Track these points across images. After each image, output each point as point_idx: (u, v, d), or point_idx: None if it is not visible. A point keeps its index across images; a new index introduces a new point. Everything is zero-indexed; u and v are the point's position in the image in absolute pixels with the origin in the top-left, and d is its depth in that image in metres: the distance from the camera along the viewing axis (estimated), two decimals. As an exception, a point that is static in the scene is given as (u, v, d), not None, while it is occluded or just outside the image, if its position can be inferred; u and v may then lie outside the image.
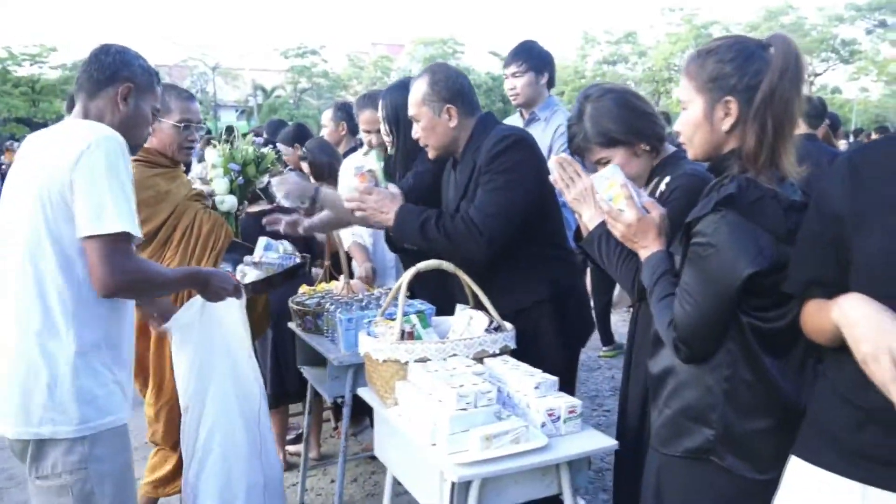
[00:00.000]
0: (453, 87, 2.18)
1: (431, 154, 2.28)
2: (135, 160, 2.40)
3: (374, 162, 2.26)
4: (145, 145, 2.47)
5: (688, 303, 1.39)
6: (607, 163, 1.81)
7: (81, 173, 1.59)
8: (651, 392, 1.59)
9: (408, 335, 1.97)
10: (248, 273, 2.50)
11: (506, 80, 3.29)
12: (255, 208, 2.97)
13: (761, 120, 1.38)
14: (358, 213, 2.17)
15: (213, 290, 1.99)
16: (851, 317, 1.13)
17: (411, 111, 2.23)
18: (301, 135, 4.12)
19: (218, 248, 2.49)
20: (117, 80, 1.78)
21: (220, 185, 2.71)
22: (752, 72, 1.40)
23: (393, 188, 2.22)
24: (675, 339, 1.42)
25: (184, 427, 2.23)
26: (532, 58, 3.21)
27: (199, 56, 34.07)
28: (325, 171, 3.44)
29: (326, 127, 3.95)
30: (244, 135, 2.99)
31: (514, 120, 3.39)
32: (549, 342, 2.12)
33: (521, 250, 2.12)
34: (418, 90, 2.20)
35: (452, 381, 1.68)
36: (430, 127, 2.20)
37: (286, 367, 3.24)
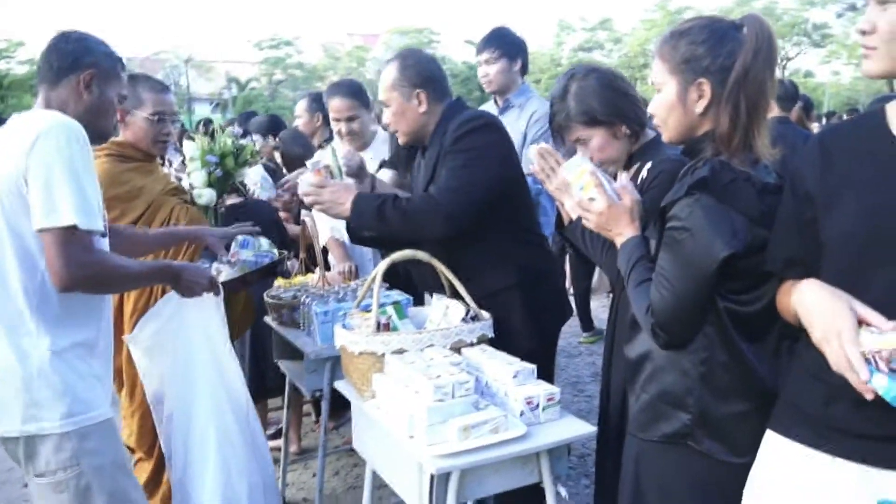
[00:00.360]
0: (424, 73, 2.17)
1: (401, 140, 2.26)
2: (107, 154, 2.36)
3: (329, 157, 2.23)
4: (118, 139, 2.42)
5: (665, 288, 1.38)
6: (585, 143, 1.80)
7: (34, 163, 1.53)
8: (628, 377, 1.58)
9: (384, 327, 1.94)
10: (222, 271, 2.45)
11: (479, 67, 3.26)
12: (230, 201, 2.92)
13: (734, 101, 1.38)
14: (316, 207, 2.12)
15: (186, 284, 1.92)
16: (806, 302, 1.16)
17: (381, 96, 2.22)
18: (275, 125, 4.07)
19: (194, 245, 2.42)
20: (79, 68, 1.72)
21: (197, 178, 2.65)
22: (725, 52, 1.39)
23: (348, 181, 2.20)
24: (652, 325, 1.41)
25: (168, 433, 2.16)
26: (505, 44, 3.18)
27: (171, 49, 33.59)
28: (298, 162, 3.39)
29: (301, 118, 3.89)
30: (221, 127, 2.93)
31: (489, 107, 3.36)
32: (519, 328, 2.11)
33: (488, 235, 2.11)
34: (389, 75, 2.18)
35: (429, 372, 1.66)
36: (399, 112, 2.18)
37: (265, 362, 3.21)
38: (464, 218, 2.02)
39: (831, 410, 1.17)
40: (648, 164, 1.76)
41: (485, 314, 2.01)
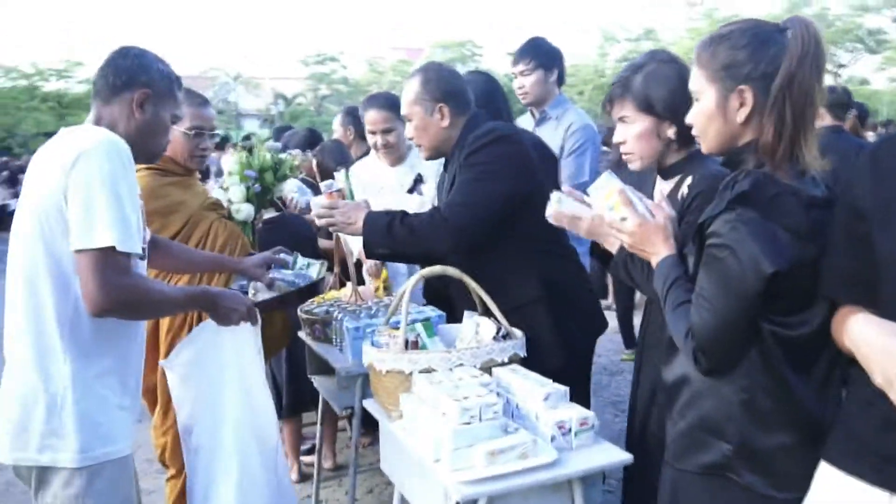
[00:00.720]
0: (446, 87, 2.16)
1: (424, 155, 2.26)
2: (146, 168, 2.32)
3: (342, 181, 2.27)
4: None
5: (706, 309, 1.30)
6: (627, 124, 1.74)
7: (74, 182, 1.49)
8: (666, 402, 1.50)
9: (412, 344, 1.90)
10: (259, 290, 2.40)
11: (514, 79, 3.21)
12: (266, 216, 2.92)
13: (779, 109, 1.29)
14: (331, 229, 2.16)
15: (223, 311, 1.82)
16: (860, 345, 1.09)
17: (404, 110, 2.21)
18: (314, 139, 4.09)
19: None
20: (134, 86, 1.68)
21: (235, 193, 2.65)
22: (768, 58, 1.31)
23: (361, 201, 2.20)
24: (694, 350, 1.33)
25: (193, 466, 2.08)
26: (540, 55, 3.13)
27: (221, 67, 34.48)
28: (329, 175, 3.38)
29: (336, 132, 3.91)
30: (263, 141, 2.95)
31: (525, 120, 3.31)
32: (546, 343, 2.04)
33: (509, 249, 2.07)
34: (411, 89, 2.18)
35: (457, 393, 1.61)
36: (422, 126, 2.18)
37: (302, 376, 3.19)
38: (471, 233, 2.01)
39: (888, 439, 1.09)
40: (689, 180, 1.68)
41: (517, 332, 1.95)
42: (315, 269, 2.39)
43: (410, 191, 3.03)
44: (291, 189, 3.64)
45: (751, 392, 1.31)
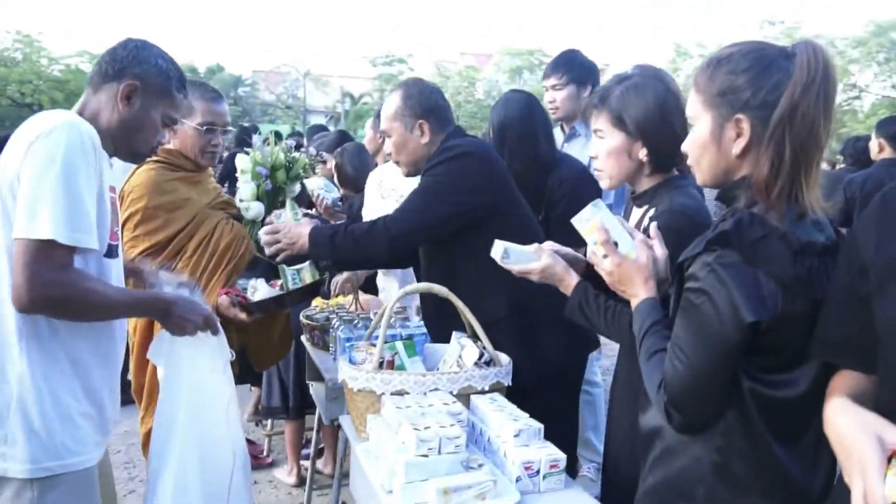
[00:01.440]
0: (426, 103, 2.15)
1: (403, 171, 2.24)
2: (156, 161, 2.29)
3: (288, 213, 2.33)
4: (168, 146, 2.33)
5: (679, 360, 1.17)
6: (601, 138, 1.64)
7: (27, 164, 1.39)
8: (640, 452, 1.38)
9: (388, 364, 1.82)
10: (259, 289, 2.35)
11: (545, 92, 3.09)
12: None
13: (777, 143, 1.16)
14: (280, 256, 2.15)
15: (175, 321, 1.64)
16: (832, 428, 0.97)
17: (383, 125, 2.20)
18: (344, 143, 4.05)
19: (233, 264, 2.33)
20: (123, 77, 1.58)
21: (245, 191, 2.61)
22: (769, 85, 1.17)
23: (305, 220, 2.23)
24: (665, 404, 1.20)
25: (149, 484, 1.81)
26: (573, 69, 3.00)
27: (293, 63, 35.30)
28: (350, 182, 3.34)
29: (366, 135, 3.87)
30: (288, 136, 2.92)
31: (555, 135, 3.18)
32: (515, 363, 1.91)
33: (475, 267, 1.98)
34: (391, 105, 2.18)
35: (420, 422, 1.52)
36: (401, 142, 2.17)
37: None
38: (405, 241, 2.06)
39: None
40: (651, 212, 1.56)
41: (503, 359, 1.85)
42: (307, 273, 2.33)
43: None
44: (319, 186, 3.62)
45: (725, 454, 1.18)
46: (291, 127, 16.19)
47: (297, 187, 2.73)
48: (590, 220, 1.42)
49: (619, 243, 1.40)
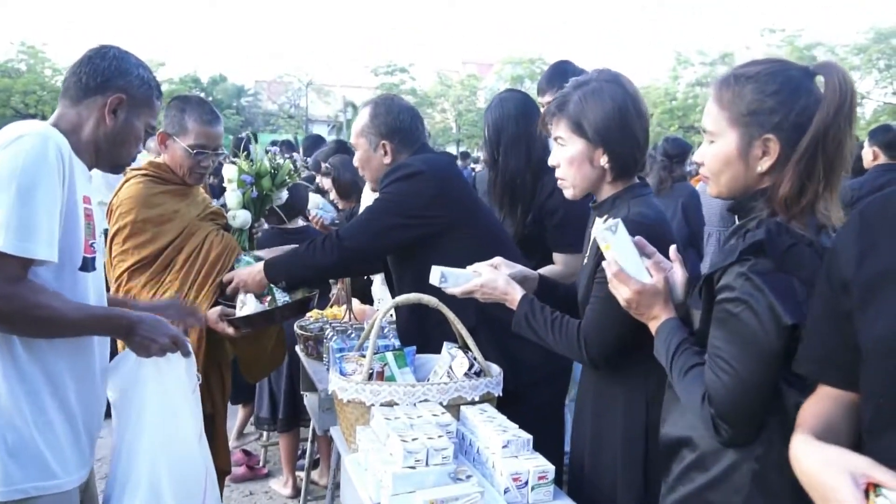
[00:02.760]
0: (392, 124, 2.19)
1: (370, 186, 2.31)
2: (144, 174, 2.28)
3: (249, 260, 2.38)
4: (157, 160, 2.34)
5: (724, 371, 1.17)
6: (561, 146, 1.62)
7: None
8: (661, 461, 1.37)
9: (377, 375, 1.82)
10: (247, 303, 2.30)
11: (542, 109, 3.07)
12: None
13: (808, 163, 1.19)
14: (243, 290, 2.24)
15: (139, 340, 1.56)
16: (801, 478, 0.95)
17: (352, 139, 2.27)
18: (342, 152, 4.06)
19: (223, 275, 2.29)
20: (108, 90, 1.56)
21: (232, 199, 2.60)
22: (798, 108, 1.21)
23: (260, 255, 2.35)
24: (713, 417, 1.19)
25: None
26: (567, 80, 2.98)
27: (295, 72, 35.44)
28: (352, 188, 3.34)
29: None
30: (274, 143, 2.90)
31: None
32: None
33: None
34: (359, 121, 2.25)
35: (408, 433, 1.52)
36: (365, 159, 2.25)
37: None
38: (356, 252, 2.14)
39: None
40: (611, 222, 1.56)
41: (494, 369, 1.84)
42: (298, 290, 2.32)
43: None
44: (316, 205, 3.62)
45: (764, 463, 1.18)
46: (294, 137, 16.22)
47: (284, 194, 2.71)
48: (605, 241, 1.42)
49: (629, 271, 1.39)
